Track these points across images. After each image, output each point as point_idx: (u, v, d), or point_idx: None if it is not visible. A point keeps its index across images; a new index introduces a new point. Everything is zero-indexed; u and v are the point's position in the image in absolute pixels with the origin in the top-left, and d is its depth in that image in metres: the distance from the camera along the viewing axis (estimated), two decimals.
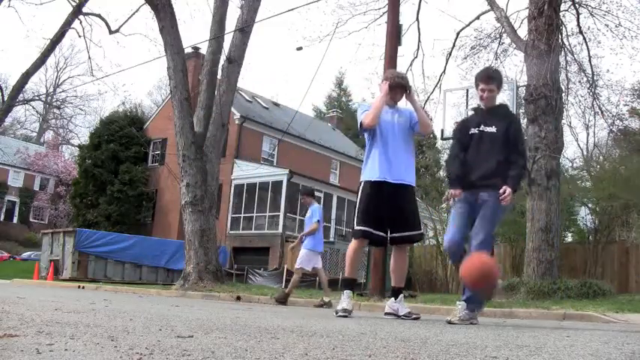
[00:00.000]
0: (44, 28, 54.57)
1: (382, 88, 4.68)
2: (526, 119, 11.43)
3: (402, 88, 4.71)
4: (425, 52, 43.20)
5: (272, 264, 21.23)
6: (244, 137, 26.01)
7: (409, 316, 4.39)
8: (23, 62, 67.52)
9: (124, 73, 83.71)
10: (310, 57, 51.64)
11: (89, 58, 26.61)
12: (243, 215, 24.47)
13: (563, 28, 12.73)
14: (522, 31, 12.53)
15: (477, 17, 14.56)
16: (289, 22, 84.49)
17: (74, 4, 17.78)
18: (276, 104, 33.18)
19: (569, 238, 18.19)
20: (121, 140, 28.58)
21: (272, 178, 23.67)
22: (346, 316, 4.34)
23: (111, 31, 17.74)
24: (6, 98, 19.99)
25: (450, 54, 14.91)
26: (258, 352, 1.95)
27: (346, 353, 2.01)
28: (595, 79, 13.79)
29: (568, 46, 13.38)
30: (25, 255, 33.86)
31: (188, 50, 18.89)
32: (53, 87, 49.77)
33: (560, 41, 11.73)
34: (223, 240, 22.27)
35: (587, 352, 2.25)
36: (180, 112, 11.68)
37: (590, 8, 13.08)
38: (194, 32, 74.50)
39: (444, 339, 2.64)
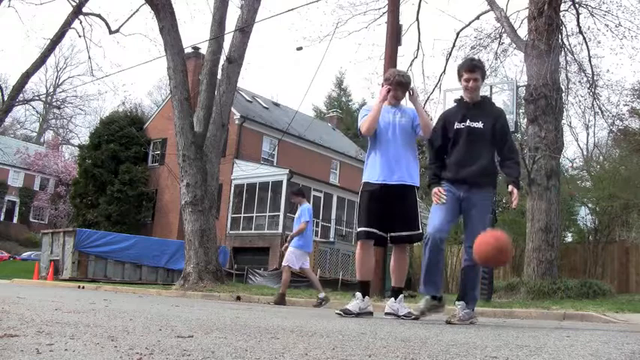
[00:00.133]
0: (44, 28, 54.70)
1: (381, 92, 4.62)
2: (526, 119, 11.43)
3: (403, 86, 4.69)
4: (425, 52, 43.19)
5: (272, 264, 21.21)
6: (244, 137, 26.00)
7: (409, 316, 4.39)
8: (23, 62, 67.57)
9: (124, 73, 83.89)
10: (310, 57, 51.62)
11: (89, 58, 26.67)
12: (243, 215, 24.47)
13: (563, 28, 12.74)
14: (522, 31, 12.56)
15: (477, 17, 14.59)
16: (289, 22, 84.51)
17: (74, 4, 17.78)
18: (276, 104, 33.18)
19: (569, 238, 18.20)
20: (121, 140, 28.58)
21: (272, 178, 23.67)
22: (342, 315, 4.35)
23: (111, 31, 17.74)
24: (6, 98, 19.99)
25: (450, 54, 14.94)
26: (258, 352, 1.95)
27: (346, 353, 2.01)
28: (595, 79, 13.80)
29: (568, 46, 13.40)
30: (25, 255, 33.86)
31: (188, 50, 18.88)
32: (53, 87, 49.82)
33: (560, 41, 11.74)
34: (223, 240, 22.27)
35: (587, 352, 2.25)
36: (180, 112, 11.68)
37: (590, 8, 13.10)
38: (194, 32, 74.50)
39: (444, 339, 2.64)
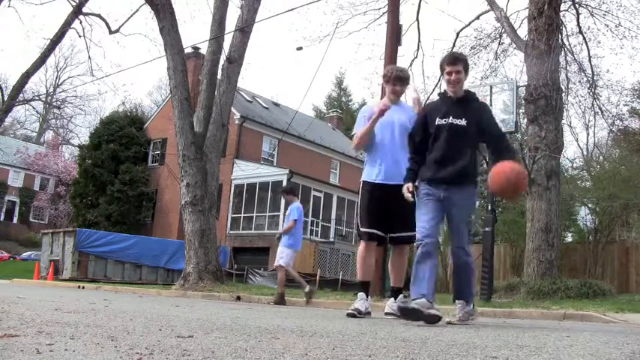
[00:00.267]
0: (44, 28, 54.72)
1: (375, 111, 4.52)
2: (526, 119, 11.43)
3: (402, 80, 4.67)
4: (425, 52, 43.11)
5: (272, 264, 21.06)
6: (244, 137, 26.00)
7: None
8: (23, 62, 67.55)
9: (124, 73, 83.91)
10: (310, 57, 51.60)
11: (89, 58, 26.67)
12: (243, 215, 24.46)
13: (563, 28, 12.73)
14: (522, 31, 12.54)
15: (477, 17, 14.57)
16: (289, 22, 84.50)
17: (74, 4, 17.78)
18: (276, 104, 33.18)
19: (569, 238, 18.20)
20: (121, 140, 28.58)
21: (272, 178, 23.67)
22: (355, 315, 4.34)
23: (111, 31, 17.74)
24: (6, 98, 19.99)
25: None
26: (258, 352, 1.95)
27: (346, 353, 2.01)
28: (595, 79, 13.80)
29: (568, 46, 13.39)
30: (25, 255, 33.85)
31: (188, 50, 18.88)
32: (53, 87, 49.79)
33: (560, 41, 11.74)
34: (223, 240, 22.26)
35: (587, 352, 2.25)
36: (180, 112, 11.68)
37: (590, 8, 13.10)
38: (194, 32, 74.51)
39: (444, 339, 2.64)
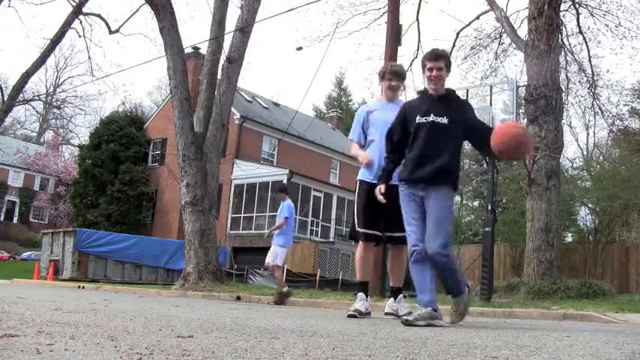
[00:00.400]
0: (44, 28, 54.71)
1: (362, 159, 4.57)
2: (526, 119, 11.42)
3: (398, 75, 4.67)
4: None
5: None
6: (244, 137, 26.00)
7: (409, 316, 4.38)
8: (23, 62, 67.55)
9: (124, 73, 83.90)
10: (310, 57, 51.61)
11: (89, 58, 26.69)
12: (243, 215, 24.46)
13: (563, 28, 12.73)
14: (522, 31, 12.54)
15: (477, 17, 14.57)
16: (289, 22, 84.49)
17: (74, 4, 17.78)
18: (276, 104, 33.18)
19: (569, 238, 18.19)
20: (121, 140, 28.58)
21: (272, 178, 23.67)
22: (355, 316, 4.34)
23: (111, 31, 17.74)
24: (6, 98, 19.99)
25: (450, 54, 14.90)
26: (258, 352, 1.95)
27: (346, 353, 2.01)
28: (595, 79, 13.80)
29: (568, 46, 13.39)
30: (25, 255, 33.85)
31: (188, 50, 18.89)
32: (53, 87, 49.80)
33: (560, 41, 11.73)
34: (223, 240, 22.26)
35: (587, 352, 2.25)
36: (180, 112, 11.68)
37: (590, 8, 13.10)
38: (194, 32, 74.52)
39: (444, 339, 2.64)
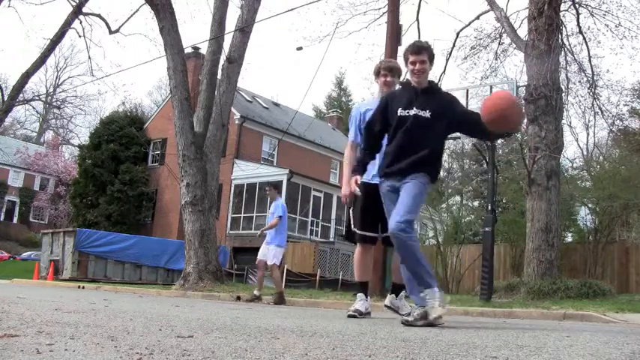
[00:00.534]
0: (44, 28, 54.69)
1: (346, 186, 4.34)
2: (526, 119, 11.42)
3: (393, 70, 4.64)
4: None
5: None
6: (244, 137, 26.00)
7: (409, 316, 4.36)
8: (23, 62, 67.55)
9: (124, 73, 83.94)
10: (310, 57, 51.63)
11: (89, 58, 26.79)
12: (243, 215, 24.46)
13: (563, 28, 12.74)
14: (522, 31, 12.54)
15: (477, 17, 14.57)
16: (289, 22, 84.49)
17: (74, 4, 17.78)
18: (276, 104, 33.18)
19: (569, 238, 18.18)
20: (121, 140, 28.57)
21: (272, 178, 23.65)
22: (355, 316, 4.33)
23: (111, 31, 17.74)
24: (6, 98, 19.99)
25: (450, 54, 14.91)
26: (258, 352, 1.95)
27: (346, 353, 2.01)
28: (595, 79, 13.81)
29: (568, 46, 13.39)
30: (25, 255, 33.85)
31: (188, 50, 18.88)
32: (53, 87, 49.81)
33: (560, 41, 11.73)
34: (223, 240, 22.26)
35: (587, 352, 2.25)
36: (180, 112, 11.68)
37: (590, 8, 13.10)
38: (194, 32, 74.52)
39: (444, 339, 2.63)
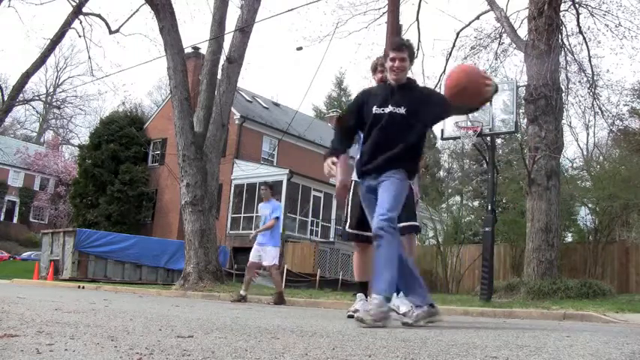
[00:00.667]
0: (44, 28, 54.70)
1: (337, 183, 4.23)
2: (526, 119, 11.42)
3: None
4: (425, 52, 43.12)
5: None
6: (244, 137, 25.99)
7: (404, 316, 4.33)
8: (23, 62, 67.54)
9: (124, 73, 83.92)
10: (310, 57, 51.63)
11: (89, 58, 26.75)
12: (243, 215, 24.45)
13: (563, 28, 12.74)
14: (522, 31, 12.55)
15: (477, 17, 14.59)
16: (289, 22, 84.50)
17: (74, 4, 17.77)
18: (276, 104, 33.16)
19: (569, 238, 18.17)
20: (121, 140, 28.56)
21: (272, 178, 23.63)
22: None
23: (111, 31, 17.74)
24: (6, 98, 19.98)
25: (450, 54, 14.93)
26: (258, 352, 1.95)
27: (346, 353, 2.01)
28: (595, 79, 13.81)
29: (568, 46, 13.40)
30: (25, 255, 33.83)
31: (188, 50, 18.87)
32: (53, 87, 49.78)
33: (560, 41, 11.74)
34: (223, 240, 22.25)
35: (587, 352, 2.25)
36: (180, 112, 11.68)
37: (590, 8, 13.10)
38: (194, 32, 74.52)
39: (444, 339, 2.63)
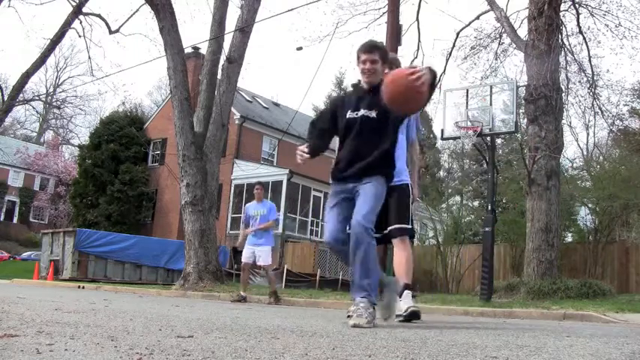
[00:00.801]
0: (44, 28, 54.70)
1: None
2: (526, 119, 11.43)
3: (389, 66, 4.63)
4: (425, 52, 43.16)
5: (272, 264, 21.19)
6: (244, 137, 25.98)
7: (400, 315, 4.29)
8: (23, 62, 67.52)
9: (124, 73, 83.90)
10: (310, 57, 51.58)
11: (89, 58, 26.73)
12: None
13: (563, 28, 12.75)
14: (522, 31, 12.55)
15: (477, 17, 14.60)
16: (289, 22, 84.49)
17: (74, 4, 17.77)
18: (276, 104, 33.15)
19: (569, 238, 18.18)
20: (121, 140, 28.56)
21: (272, 178, 23.64)
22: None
23: (111, 31, 17.74)
24: (6, 98, 19.98)
25: (450, 54, 14.94)
26: (258, 352, 1.95)
27: (346, 353, 2.01)
28: (595, 79, 13.82)
29: (568, 46, 13.41)
30: (25, 255, 33.83)
31: (188, 50, 18.87)
32: (53, 87, 49.78)
33: (560, 41, 11.74)
34: (223, 240, 22.24)
35: (587, 352, 2.25)
36: (180, 112, 11.68)
37: (590, 8, 13.11)
38: (194, 32, 74.51)
39: (444, 339, 2.63)
